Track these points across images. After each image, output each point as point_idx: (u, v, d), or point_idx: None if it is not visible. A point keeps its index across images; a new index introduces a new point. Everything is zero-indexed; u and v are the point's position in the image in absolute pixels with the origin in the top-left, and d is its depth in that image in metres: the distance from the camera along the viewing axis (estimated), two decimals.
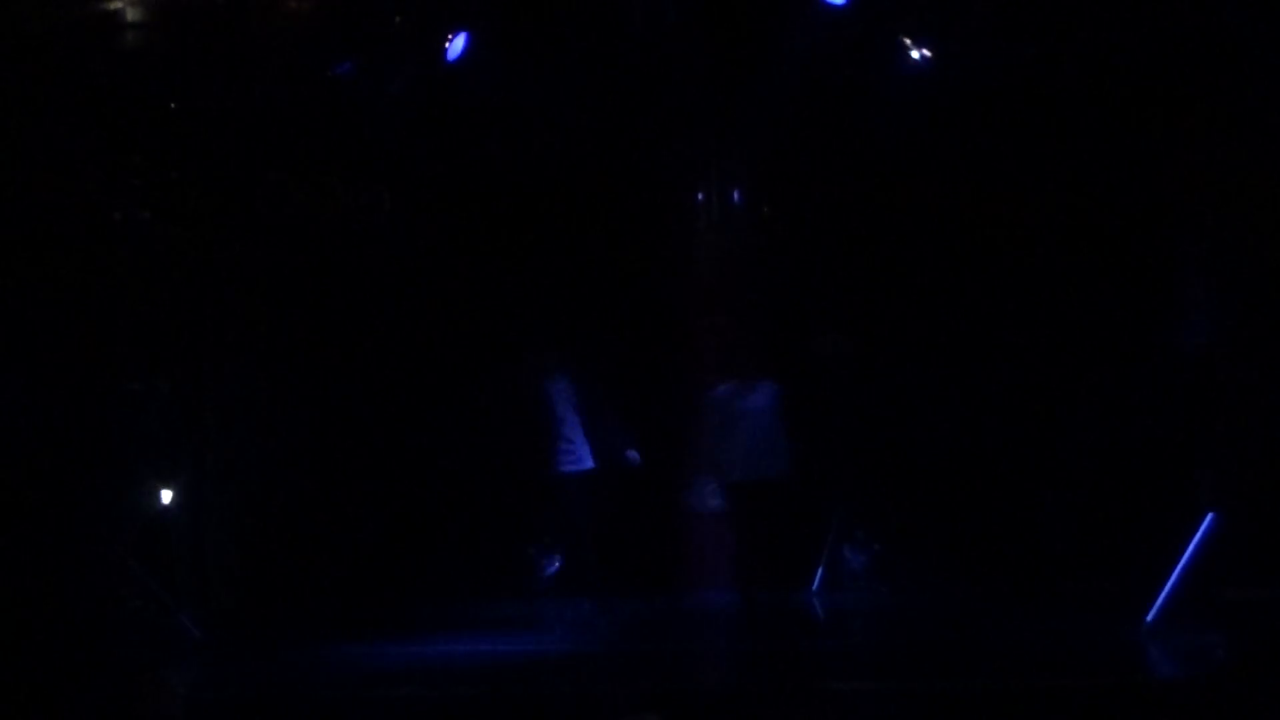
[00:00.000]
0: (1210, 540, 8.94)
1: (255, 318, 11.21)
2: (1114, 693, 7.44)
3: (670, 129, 11.63)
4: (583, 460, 10.68)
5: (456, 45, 10.58)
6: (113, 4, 9.71)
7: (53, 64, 8.98)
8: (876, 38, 10.75)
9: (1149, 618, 9.01)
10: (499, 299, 11.80)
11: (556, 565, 11.53)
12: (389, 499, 11.80)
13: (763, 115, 11.44)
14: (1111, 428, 10.90)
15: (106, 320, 9.09)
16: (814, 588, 11.31)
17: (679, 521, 11.23)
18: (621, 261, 11.72)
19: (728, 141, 11.77)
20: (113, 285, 9.24)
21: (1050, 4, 10.19)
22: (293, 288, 11.40)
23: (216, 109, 10.28)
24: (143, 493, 10.25)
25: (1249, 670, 7.56)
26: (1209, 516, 9.00)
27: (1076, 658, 8.44)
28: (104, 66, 9.45)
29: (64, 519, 8.89)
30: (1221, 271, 10.00)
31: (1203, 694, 7.39)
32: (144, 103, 9.90)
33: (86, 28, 9.53)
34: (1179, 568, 8.99)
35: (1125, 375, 10.90)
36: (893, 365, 11.49)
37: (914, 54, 10.61)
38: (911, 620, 10.39)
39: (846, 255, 11.59)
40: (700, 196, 11.90)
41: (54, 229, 8.71)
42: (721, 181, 11.86)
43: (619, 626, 10.36)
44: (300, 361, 11.55)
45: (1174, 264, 10.71)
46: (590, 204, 11.74)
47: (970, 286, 11.42)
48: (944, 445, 11.34)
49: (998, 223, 11.27)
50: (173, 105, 10.15)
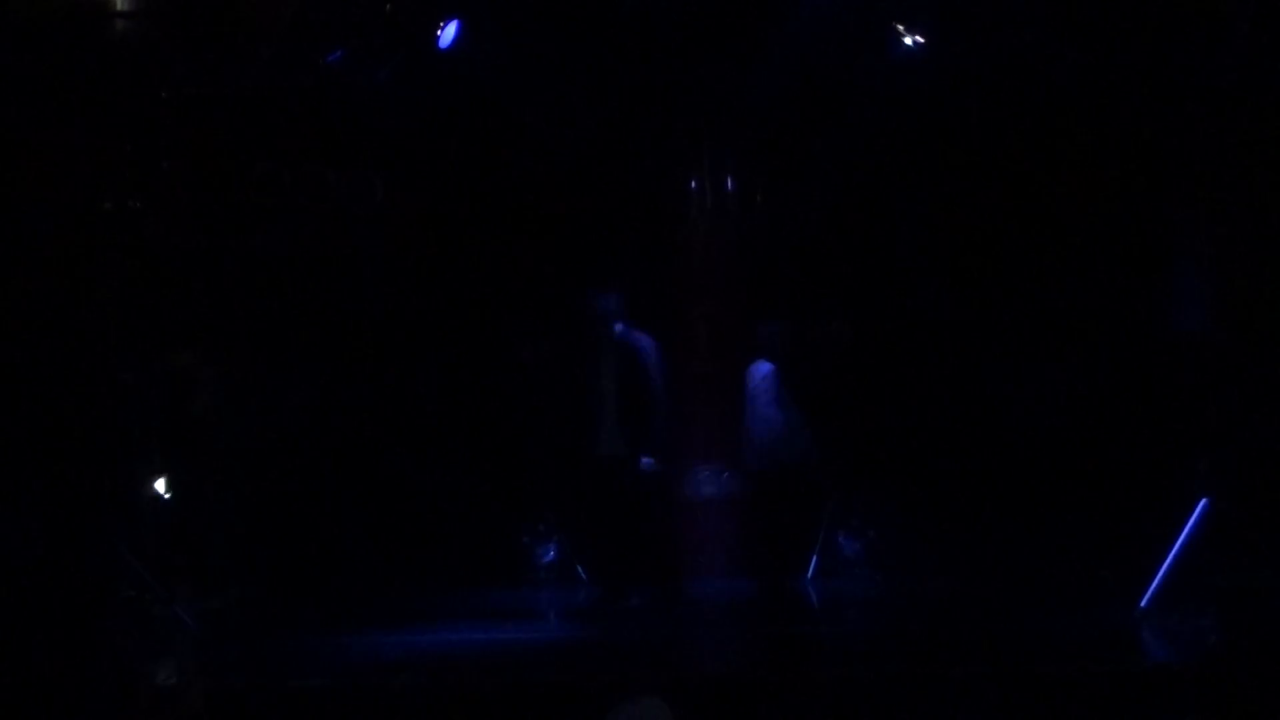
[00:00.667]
0: (1203, 527, 8.96)
1: (246, 306, 11.19)
2: (1107, 679, 7.44)
3: (663, 116, 11.61)
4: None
5: (448, 32, 10.58)
6: None
7: (41, 52, 8.95)
8: (870, 24, 10.74)
9: (1142, 604, 9.04)
10: (491, 287, 11.78)
11: (551, 554, 11.54)
12: (381, 488, 11.78)
13: (756, 103, 11.43)
14: (1105, 414, 10.91)
15: (96, 310, 9.07)
16: (808, 575, 11.32)
17: (678, 509, 11.23)
18: (614, 249, 11.69)
19: (720, 129, 11.75)
20: (102, 275, 9.22)
21: None
22: (285, 276, 11.38)
23: (207, 97, 10.25)
24: (135, 482, 10.23)
25: (1241, 657, 7.57)
26: (1202, 503, 9.01)
27: (1070, 644, 8.44)
28: (93, 54, 9.42)
29: (56, 509, 8.88)
30: (1216, 258, 10.00)
31: (1195, 680, 7.39)
32: (134, 91, 9.87)
33: (76, 16, 9.49)
34: (1172, 554, 9.00)
35: (1119, 362, 10.91)
36: (887, 352, 11.49)
37: (907, 41, 10.60)
38: (905, 607, 10.40)
39: (840, 242, 11.58)
40: (693, 184, 11.87)
41: (43, 219, 8.69)
42: (714, 169, 11.84)
43: (618, 613, 10.34)
44: (292, 349, 11.53)
45: (1169, 251, 10.72)
46: (582, 192, 11.72)
47: (965, 273, 11.42)
48: (938, 432, 11.34)
49: (992, 210, 11.27)
50: (163, 94, 10.12)
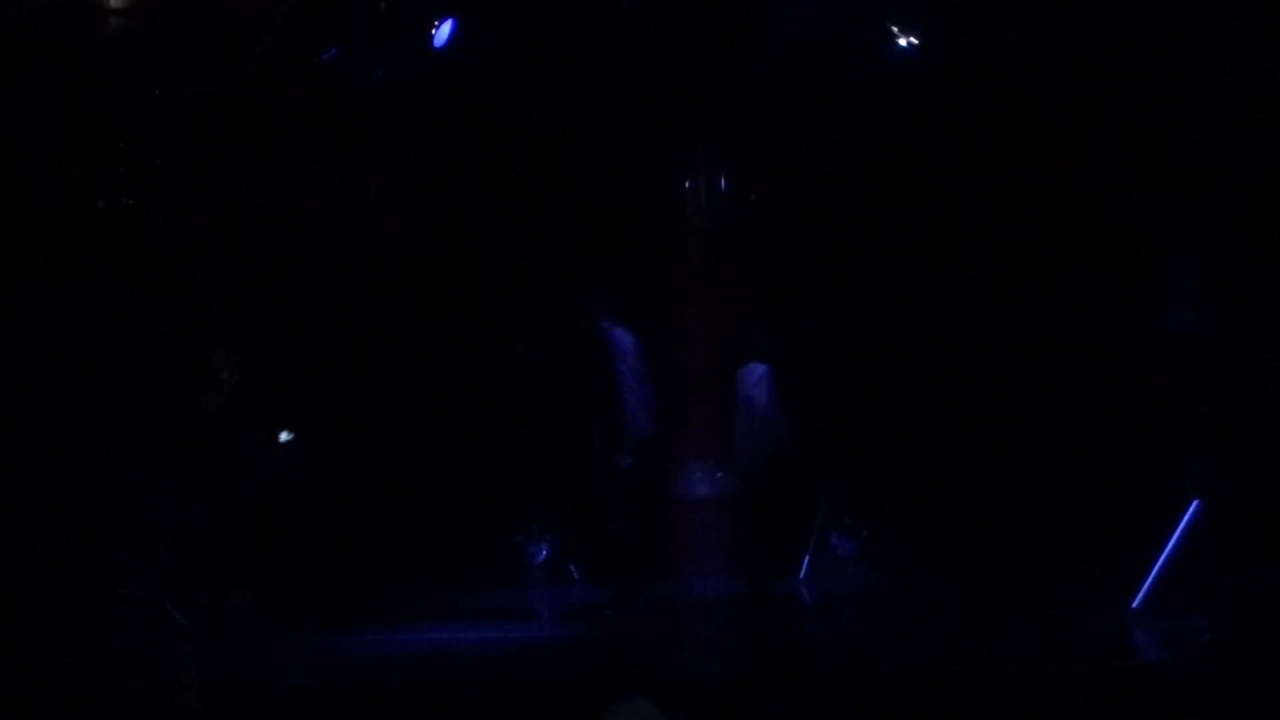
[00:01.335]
0: (1196, 527, 8.99)
1: (241, 305, 11.17)
2: (1100, 677, 7.47)
3: (658, 115, 11.61)
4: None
5: (443, 31, 10.57)
6: None
7: (36, 50, 8.94)
8: (864, 24, 10.74)
9: (1135, 603, 9.06)
10: (485, 285, 11.77)
11: (544, 553, 11.54)
12: (377, 487, 11.77)
13: (751, 101, 11.43)
14: (1098, 415, 10.93)
15: (91, 307, 9.07)
16: (801, 574, 11.33)
17: (670, 508, 11.22)
18: (608, 248, 11.69)
19: (715, 128, 11.75)
20: (96, 273, 9.21)
21: None
22: (279, 275, 11.36)
23: (201, 95, 10.24)
24: (132, 480, 10.22)
25: (1234, 656, 7.59)
26: (1194, 503, 9.04)
27: (1063, 642, 8.46)
28: (87, 53, 9.41)
29: (52, 507, 8.88)
30: (1208, 259, 10.03)
31: (1188, 679, 7.42)
32: (128, 89, 9.85)
33: (70, 13, 9.48)
34: (1165, 554, 9.03)
35: (1111, 363, 10.93)
36: (880, 351, 11.50)
37: (901, 41, 10.61)
38: (898, 606, 10.40)
39: (834, 241, 11.58)
40: (688, 184, 11.87)
41: (38, 216, 8.69)
42: (709, 168, 11.84)
43: (611, 612, 10.34)
44: (286, 348, 11.51)
45: (1161, 251, 10.75)
46: (577, 190, 11.71)
47: (958, 273, 11.43)
48: (931, 431, 11.36)
49: (985, 210, 11.29)
50: (157, 92, 10.10)
